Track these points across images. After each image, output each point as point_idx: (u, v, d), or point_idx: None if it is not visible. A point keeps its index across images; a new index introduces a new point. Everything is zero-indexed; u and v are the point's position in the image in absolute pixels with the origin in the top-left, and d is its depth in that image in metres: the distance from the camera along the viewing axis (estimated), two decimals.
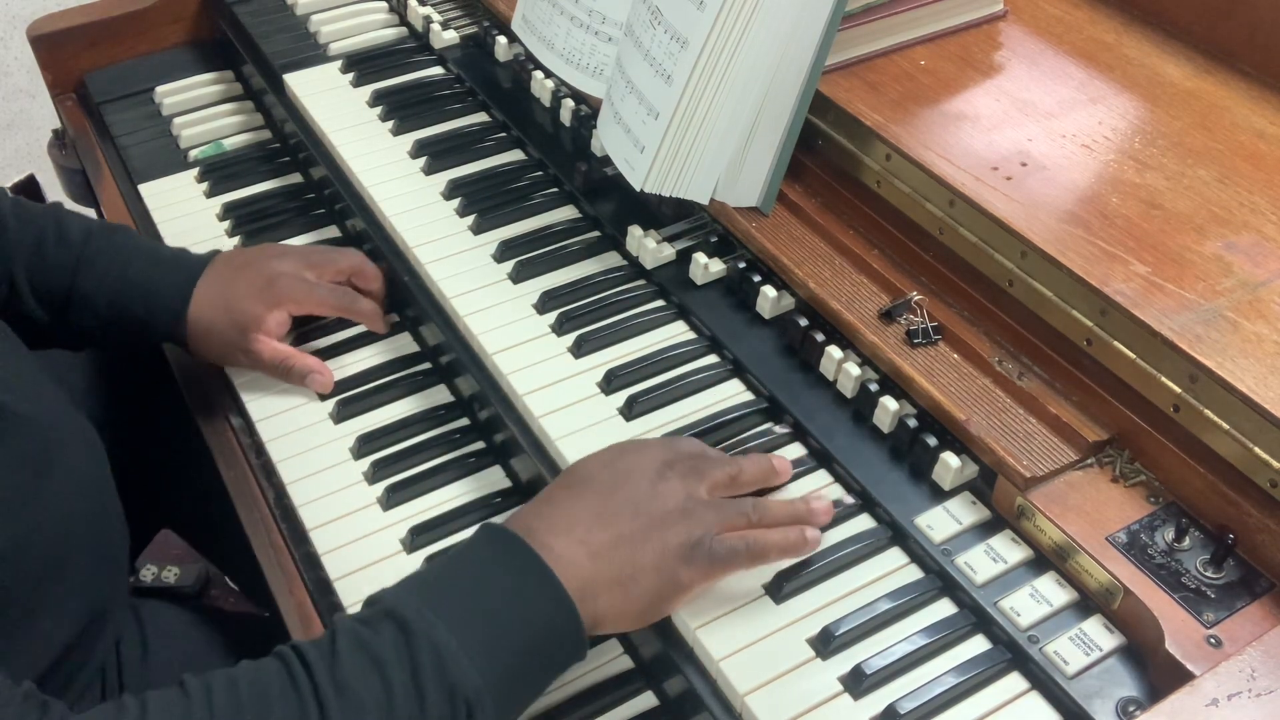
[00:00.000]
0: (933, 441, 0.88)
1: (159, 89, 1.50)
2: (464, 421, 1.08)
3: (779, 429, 0.95)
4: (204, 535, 1.39)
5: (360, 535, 0.98)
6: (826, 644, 0.80)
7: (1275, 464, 0.76)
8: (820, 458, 0.93)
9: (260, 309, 1.09)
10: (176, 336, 1.11)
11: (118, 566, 1.00)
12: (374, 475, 1.02)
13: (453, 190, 1.20)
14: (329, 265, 1.14)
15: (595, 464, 0.85)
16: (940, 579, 0.83)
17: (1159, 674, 0.75)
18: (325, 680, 0.71)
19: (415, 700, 0.72)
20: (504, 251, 1.12)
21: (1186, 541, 0.79)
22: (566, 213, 1.17)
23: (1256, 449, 0.77)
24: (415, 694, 0.72)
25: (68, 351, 1.28)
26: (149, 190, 1.37)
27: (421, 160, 1.24)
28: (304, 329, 1.15)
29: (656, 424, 0.96)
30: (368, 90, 1.34)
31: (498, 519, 0.84)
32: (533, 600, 0.77)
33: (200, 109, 1.50)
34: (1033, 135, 0.99)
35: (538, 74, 1.28)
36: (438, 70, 1.39)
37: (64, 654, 0.90)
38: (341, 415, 1.08)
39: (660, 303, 1.07)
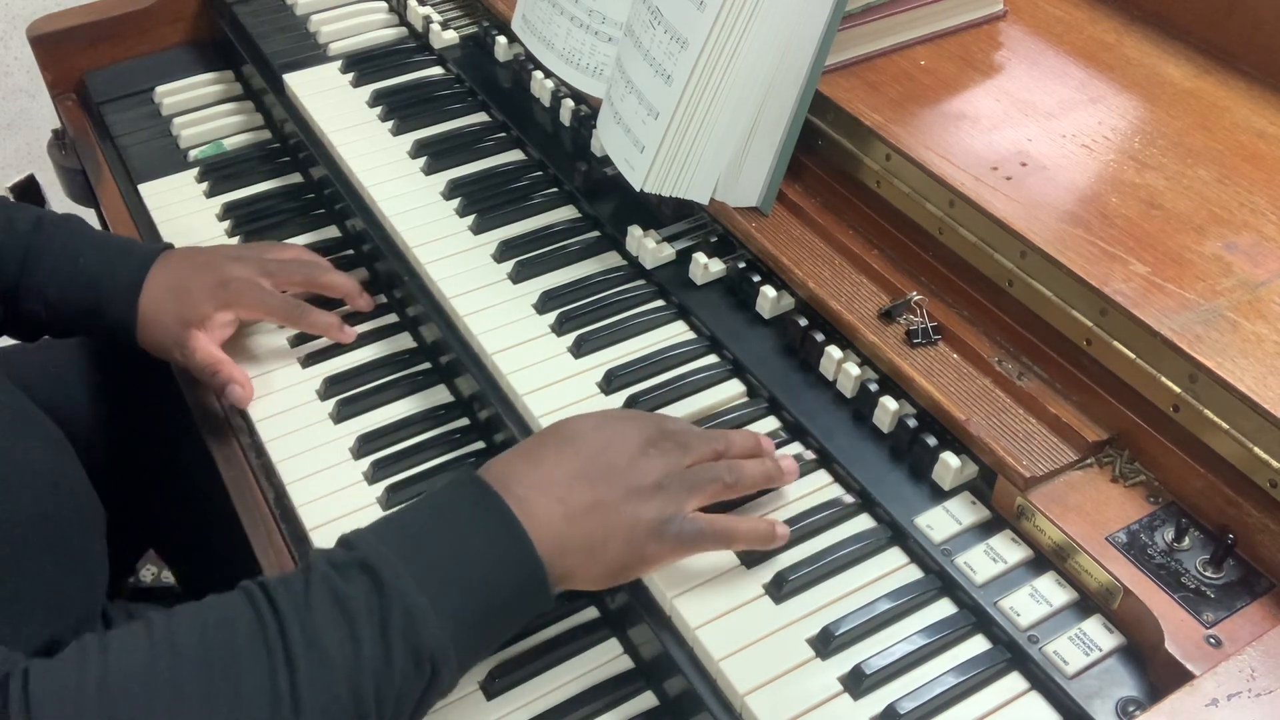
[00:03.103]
0: (933, 441, 0.88)
1: (159, 89, 1.50)
2: (464, 421, 1.08)
3: (779, 429, 0.95)
4: (183, 557, 1.39)
5: None
6: (826, 644, 0.80)
7: (1275, 464, 0.76)
8: (820, 457, 0.93)
9: (209, 308, 1.09)
10: (126, 324, 1.10)
11: (88, 570, 0.97)
12: (374, 475, 1.02)
13: (453, 190, 1.20)
14: (284, 276, 1.14)
15: (583, 425, 0.86)
16: (940, 579, 0.83)
17: (1159, 674, 0.75)
18: (296, 632, 0.72)
19: (382, 658, 0.72)
20: (504, 251, 1.12)
21: (1186, 541, 0.79)
22: (566, 213, 1.17)
23: (1256, 449, 0.77)
24: (383, 651, 0.72)
25: (60, 359, 1.28)
26: (149, 190, 1.37)
27: (421, 160, 1.24)
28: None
29: None
30: (368, 90, 1.34)
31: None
32: (505, 560, 0.78)
33: (200, 109, 1.49)
34: (1033, 135, 0.99)
35: (538, 74, 1.28)
36: (438, 70, 1.39)
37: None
38: (341, 415, 1.08)
39: (660, 303, 1.07)
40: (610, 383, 0.99)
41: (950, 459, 0.86)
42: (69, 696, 0.69)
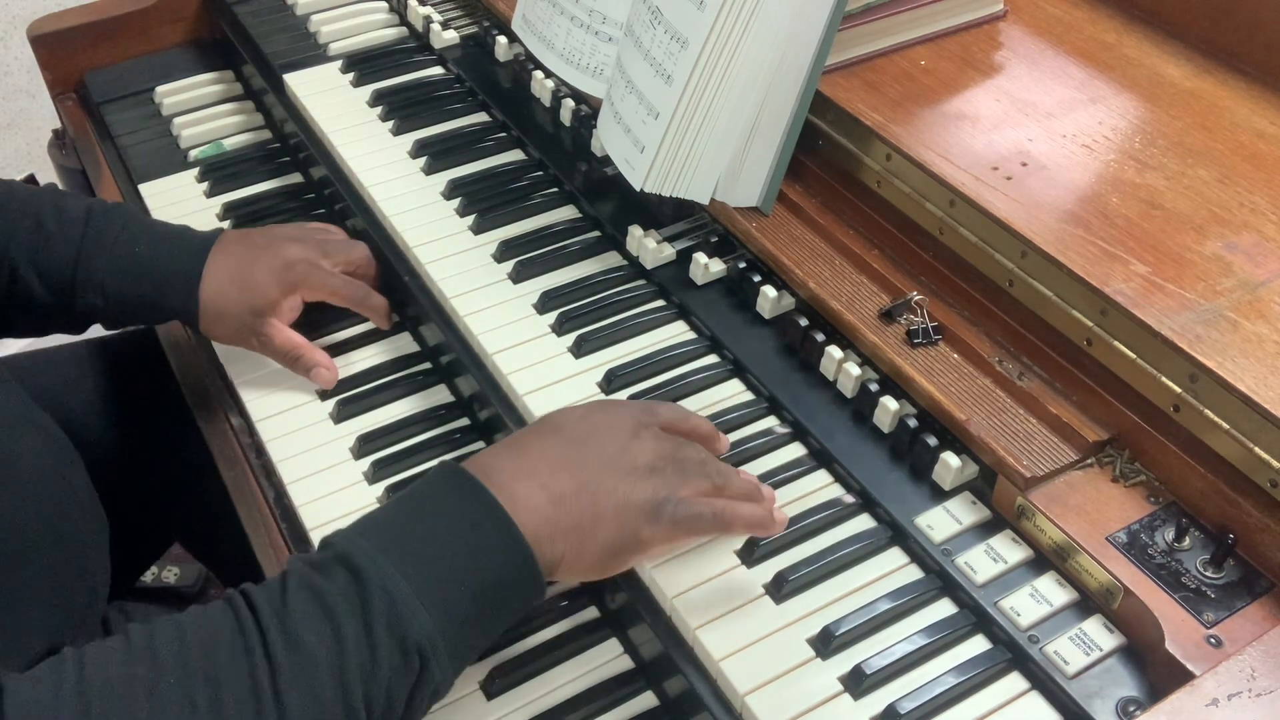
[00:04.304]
0: (933, 441, 0.88)
1: (159, 89, 1.50)
2: (464, 421, 1.08)
3: (779, 429, 0.95)
4: (205, 543, 1.39)
5: None
6: (826, 644, 0.80)
7: (1275, 464, 0.76)
8: (820, 458, 0.93)
9: (276, 293, 1.09)
10: (187, 315, 1.10)
11: (90, 573, 0.97)
12: (374, 475, 1.02)
13: (453, 190, 1.20)
14: (342, 255, 1.14)
15: (570, 414, 0.85)
16: (940, 579, 0.83)
17: (1159, 674, 0.75)
18: (276, 633, 0.69)
19: (367, 651, 0.70)
20: (504, 251, 1.12)
21: (1186, 541, 0.79)
22: (566, 213, 1.17)
23: (1256, 449, 0.77)
24: (368, 645, 0.70)
25: (64, 362, 1.28)
26: (149, 190, 1.37)
27: (421, 160, 1.24)
28: (305, 327, 1.15)
29: None
30: (368, 90, 1.34)
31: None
32: (489, 546, 0.76)
33: (200, 109, 1.49)
34: (1033, 135, 0.99)
35: (538, 74, 1.28)
36: (438, 70, 1.39)
37: (33, 663, 0.88)
38: (342, 415, 1.08)
39: (660, 303, 1.07)
40: (610, 383, 0.99)
41: (950, 459, 0.86)
42: (46, 708, 0.66)
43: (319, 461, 1.04)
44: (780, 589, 0.83)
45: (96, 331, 1.17)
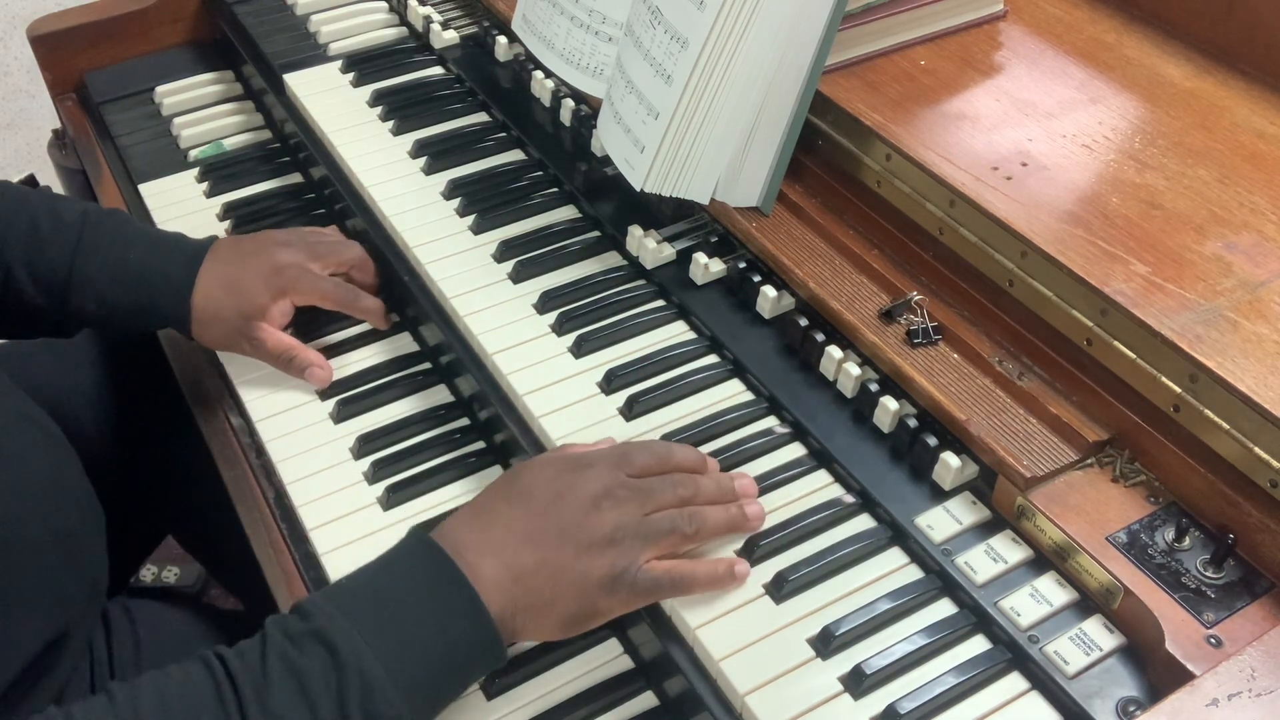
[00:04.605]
0: (933, 441, 0.88)
1: (159, 89, 1.50)
2: (464, 421, 1.08)
3: (779, 429, 0.95)
4: (202, 542, 1.39)
5: (360, 535, 0.98)
6: (826, 644, 0.80)
7: (1275, 464, 0.76)
8: (820, 458, 0.93)
9: (265, 298, 1.09)
10: (179, 321, 1.10)
11: (89, 571, 0.97)
12: (374, 475, 1.02)
13: (453, 190, 1.20)
14: (332, 257, 1.14)
15: (538, 477, 0.85)
16: (940, 579, 0.83)
17: (1159, 674, 0.75)
18: (254, 710, 0.72)
19: None
20: (504, 251, 1.12)
21: (1186, 541, 0.79)
22: (566, 213, 1.17)
23: (1256, 449, 0.77)
24: None
25: (63, 358, 1.28)
26: (149, 190, 1.37)
27: (421, 160, 1.24)
28: (304, 328, 1.15)
29: (656, 424, 0.96)
30: (368, 90, 1.34)
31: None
32: (459, 626, 0.78)
33: (200, 109, 1.49)
34: (1033, 135, 0.99)
35: (538, 74, 1.28)
36: (438, 70, 1.39)
37: (34, 662, 0.88)
38: (341, 415, 1.08)
39: (660, 303, 1.07)
40: (610, 383, 0.99)
41: (950, 459, 0.86)
42: None
43: (319, 461, 1.04)
44: (780, 589, 0.83)
45: None
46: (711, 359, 1.01)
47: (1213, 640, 0.75)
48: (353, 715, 0.73)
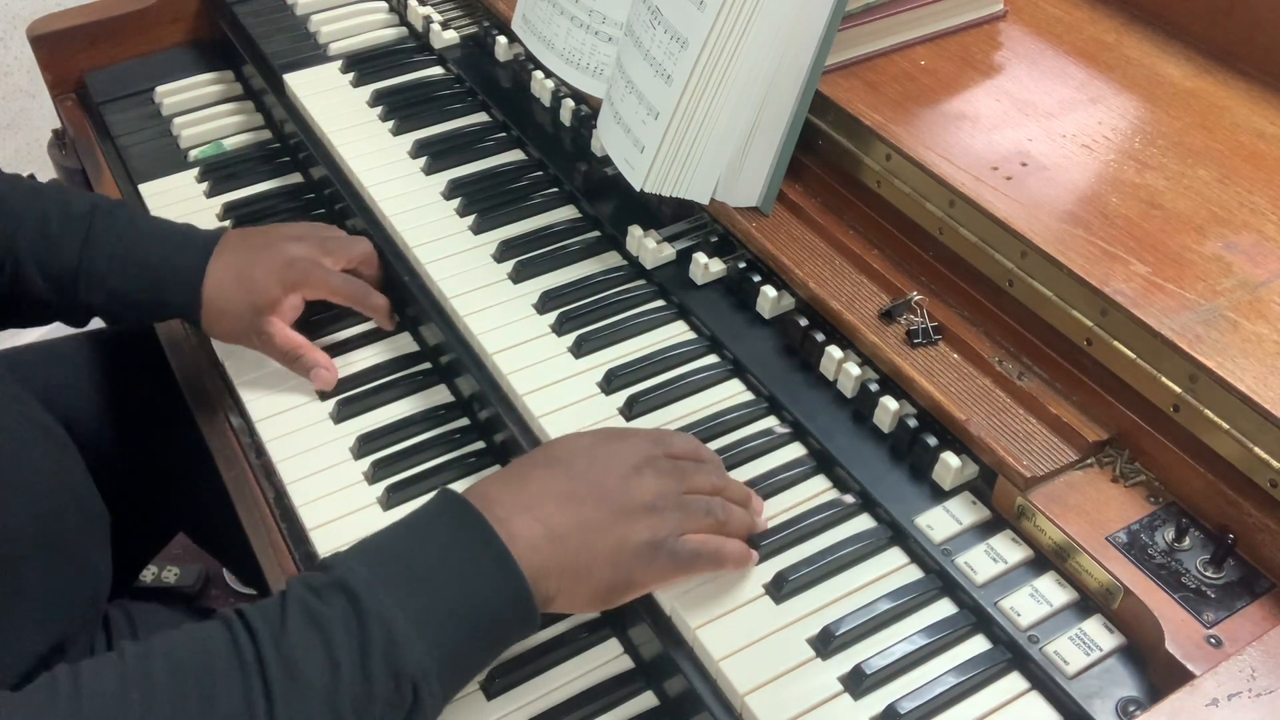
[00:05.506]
0: (933, 441, 0.88)
1: (159, 89, 1.50)
2: (464, 421, 1.08)
3: (779, 429, 0.95)
4: (214, 536, 1.39)
5: (360, 535, 0.97)
6: (826, 644, 0.80)
7: (1275, 464, 0.76)
8: (820, 458, 0.93)
9: (277, 291, 1.09)
10: (189, 313, 1.10)
11: (91, 572, 0.97)
12: (374, 475, 1.02)
13: (453, 190, 1.20)
14: (343, 252, 1.14)
15: (577, 444, 0.84)
16: (940, 579, 0.83)
17: (1159, 674, 0.75)
18: (272, 658, 0.70)
19: (361, 681, 0.70)
20: (504, 251, 1.12)
21: (1186, 541, 0.79)
22: (566, 213, 1.17)
23: (1256, 449, 0.77)
24: (362, 675, 0.70)
25: (65, 360, 1.28)
26: (149, 190, 1.37)
27: (421, 160, 1.24)
28: (304, 328, 1.15)
29: (657, 424, 0.96)
30: (368, 90, 1.34)
31: (459, 485, 0.82)
32: (488, 580, 0.76)
33: (200, 109, 1.49)
34: (1033, 135, 0.99)
35: (538, 74, 1.28)
36: (438, 70, 1.39)
37: (32, 670, 0.87)
38: (341, 415, 1.08)
39: (660, 303, 1.07)
40: (610, 383, 0.99)
41: (950, 459, 0.86)
42: None
43: (319, 461, 1.04)
44: (780, 589, 0.83)
45: (98, 323, 1.17)
46: (711, 359, 1.02)
47: (1213, 640, 0.75)
48: (374, 665, 0.71)
